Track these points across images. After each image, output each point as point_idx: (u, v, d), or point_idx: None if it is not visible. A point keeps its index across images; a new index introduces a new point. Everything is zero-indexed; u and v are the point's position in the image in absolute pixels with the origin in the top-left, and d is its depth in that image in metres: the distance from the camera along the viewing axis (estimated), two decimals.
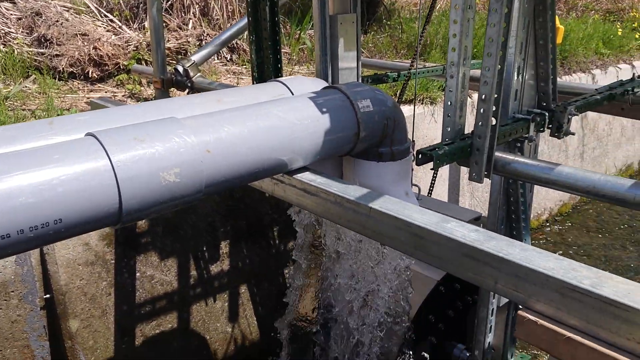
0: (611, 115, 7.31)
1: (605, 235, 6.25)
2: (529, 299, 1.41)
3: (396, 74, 3.76)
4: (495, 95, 1.99)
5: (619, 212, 6.75)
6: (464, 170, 5.36)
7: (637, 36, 8.83)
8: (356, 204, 1.82)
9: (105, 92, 4.89)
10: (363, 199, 1.82)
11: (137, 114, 1.95)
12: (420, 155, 1.98)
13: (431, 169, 2.05)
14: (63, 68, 4.90)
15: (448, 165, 5.37)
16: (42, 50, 5.03)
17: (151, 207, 1.62)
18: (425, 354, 2.94)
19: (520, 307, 1.47)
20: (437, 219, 1.66)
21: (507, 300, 2.88)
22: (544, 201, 6.56)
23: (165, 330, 3.49)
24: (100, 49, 5.03)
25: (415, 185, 3.07)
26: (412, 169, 2.61)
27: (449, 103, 2.12)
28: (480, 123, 2.03)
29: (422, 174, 4.75)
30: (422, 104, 5.05)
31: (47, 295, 3.07)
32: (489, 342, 2.87)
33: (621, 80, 3.21)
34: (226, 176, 1.78)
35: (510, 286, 1.44)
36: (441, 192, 5.24)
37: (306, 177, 2.03)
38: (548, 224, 6.55)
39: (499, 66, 2.01)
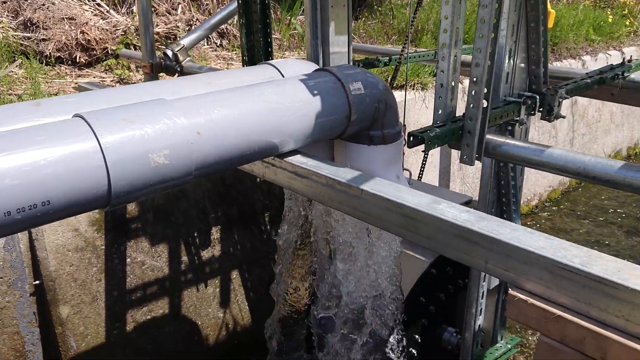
0: (601, 102, 7.35)
1: (594, 220, 6.31)
2: (519, 278, 1.42)
3: (387, 58, 3.74)
4: (487, 77, 1.98)
5: (608, 198, 6.81)
6: (455, 157, 5.38)
7: (627, 23, 8.85)
8: (347, 186, 1.81)
9: (94, 77, 4.83)
10: (354, 181, 1.81)
11: (125, 96, 1.92)
12: (411, 138, 1.98)
13: (422, 151, 2.05)
14: (50, 53, 4.83)
15: (439, 151, 5.38)
16: (28, 35, 4.95)
17: (141, 190, 1.61)
18: (417, 336, 2.96)
19: (510, 287, 1.48)
20: (429, 200, 1.66)
21: (497, 283, 2.91)
22: (534, 187, 6.60)
23: (156, 316, 3.48)
24: (87, 34, 4.96)
25: (406, 170, 3.07)
26: (404, 154, 2.62)
27: (441, 85, 2.11)
28: (471, 105, 2.02)
29: (413, 159, 4.75)
30: (413, 89, 5.04)
31: (37, 282, 3.05)
32: (479, 325, 2.90)
33: (611, 64, 3.22)
34: (217, 159, 1.77)
35: (501, 266, 1.45)
36: (432, 178, 5.25)
37: (297, 159, 2.02)
38: (538, 210, 6.60)
39: (491, 48, 2.00)
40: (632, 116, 8.20)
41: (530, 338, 4.33)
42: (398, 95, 4.05)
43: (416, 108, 5.02)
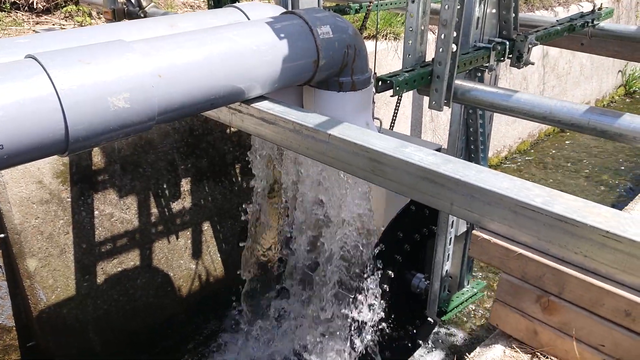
0: (571, 54, 7.39)
1: (562, 171, 6.45)
2: (484, 219, 1.44)
3: (358, 5, 3.65)
4: (457, 20, 1.95)
5: (575, 149, 6.95)
6: (427, 108, 5.38)
7: None
8: (315, 131, 1.79)
9: (53, 24, 4.61)
10: (322, 126, 1.79)
11: (83, 38, 1.83)
12: (380, 82, 1.95)
13: (391, 96, 2.03)
14: None
15: (411, 102, 5.36)
16: None
17: (101, 134, 1.56)
18: (385, 285, 3.02)
19: (475, 228, 1.50)
20: (396, 144, 1.66)
21: (465, 229, 2.96)
22: (504, 139, 6.68)
23: (127, 268, 3.47)
24: None
25: (377, 119, 3.05)
26: (374, 102, 2.59)
27: (410, 29, 2.07)
28: (440, 49, 2.00)
29: (385, 111, 4.73)
30: (385, 39, 4.96)
31: (2, 235, 2.98)
32: (447, 270, 2.97)
33: (582, 12, 3.21)
34: (180, 103, 1.71)
35: (466, 207, 1.46)
36: (403, 129, 5.25)
37: (264, 105, 1.98)
38: (507, 161, 6.71)
39: None
40: (601, 68, 8.29)
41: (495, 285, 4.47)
42: (369, 44, 3.98)
43: (388, 58, 4.96)
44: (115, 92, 1.53)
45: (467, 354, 1.47)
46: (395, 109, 3.60)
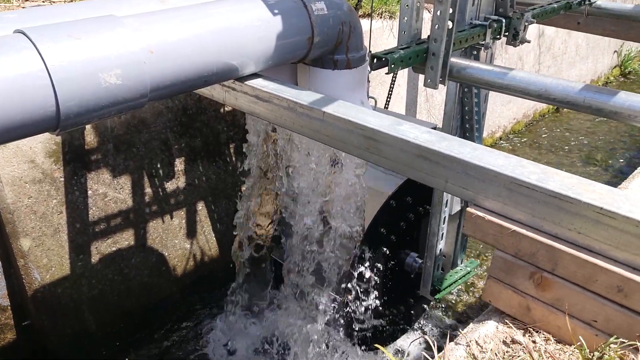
0: (567, 34, 7.35)
1: (556, 151, 6.46)
2: (478, 196, 1.44)
3: None
4: None
5: (570, 130, 6.95)
6: (422, 87, 5.35)
7: None
8: (309, 109, 1.78)
9: (43, 0, 4.53)
10: (316, 104, 1.78)
11: (73, 13, 1.80)
12: (375, 60, 1.93)
13: (386, 74, 2.01)
14: None
15: (406, 82, 5.32)
16: None
17: (93, 111, 1.54)
18: (379, 264, 3.04)
19: (469, 206, 1.50)
20: (391, 122, 1.65)
21: (459, 209, 2.97)
22: (499, 119, 6.67)
23: (122, 248, 3.47)
24: None
25: (372, 98, 3.03)
26: (369, 81, 2.57)
27: (406, 6, 2.05)
28: (436, 26, 1.98)
29: (380, 90, 4.70)
30: (380, 17, 4.91)
31: None
32: (440, 249, 2.99)
33: None
34: (172, 79, 1.69)
35: (460, 184, 1.46)
36: (398, 109, 5.23)
37: (258, 83, 1.96)
38: (501, 141, 6.71)
39: None
40: (596, 49, 8.25)
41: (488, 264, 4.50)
42: (365, 24, 3.93)
43: (383, 37, 4.91)
44: (107, 68, 1.51)
45: (460, 329, 1.49)
46: (390, 88, 3.58)
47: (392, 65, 1.93)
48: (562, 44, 7.47)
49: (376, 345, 1.80)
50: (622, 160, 6.23)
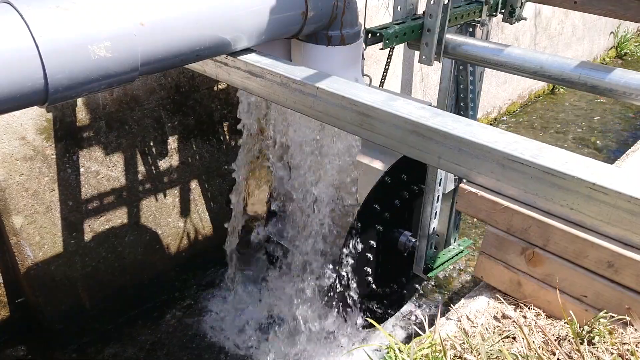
0: (564, 14, 7.30)
1: (550, 132, 6.47)
2: (471, 172, 1.43)
3: None
4: None
5: (564, 111, 6.95)
6: (417, 66, 5.32)
7: None
8: (303, 85, 1.76)
9: None
10: (310, 79, 1.76)
11: None
12: (369, 35, 1.91)
13: (381, 49, 1.99)
14: None
15: (401, 61, 5.28)
16: None
17: (82, 85, 1.51)
18: (372, 242, 3.04)
19: (462, 182, 1.50)
20: (384, 98, 1.63)
21: (452, 187, 2.97)
22: (494, 100, 6.65)
23: (115, 226, 3.46)
24: None
25: (367, 76, 3.01)
26: (363, 58, 2.54)
27: None
28: (432, 1, 1.95)
29: (375, 69, 4.67)
30: None
31: None
32: (434, 228, 2.99)
33: None
34: (164, 53, 1.67)
35: (454, 160, 1.45)
36: (394, 88, 5.20)
37: (251, 58, 1.93)
38: (496, 122, 6.70)
39: None
40: (593, 29, 8.21)
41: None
42: (360, 1, 3.88)
43: (379, 15, 4.85)
44: (96, 40, 1.48)
45: (451, 305, 1.50)
46: (385, 67, 3.55)
47: (387, 41, 1.90)
48: (559, 24, 7.42)
49: (370, 320, 1.81)
50: (616, 142, 6.25)
